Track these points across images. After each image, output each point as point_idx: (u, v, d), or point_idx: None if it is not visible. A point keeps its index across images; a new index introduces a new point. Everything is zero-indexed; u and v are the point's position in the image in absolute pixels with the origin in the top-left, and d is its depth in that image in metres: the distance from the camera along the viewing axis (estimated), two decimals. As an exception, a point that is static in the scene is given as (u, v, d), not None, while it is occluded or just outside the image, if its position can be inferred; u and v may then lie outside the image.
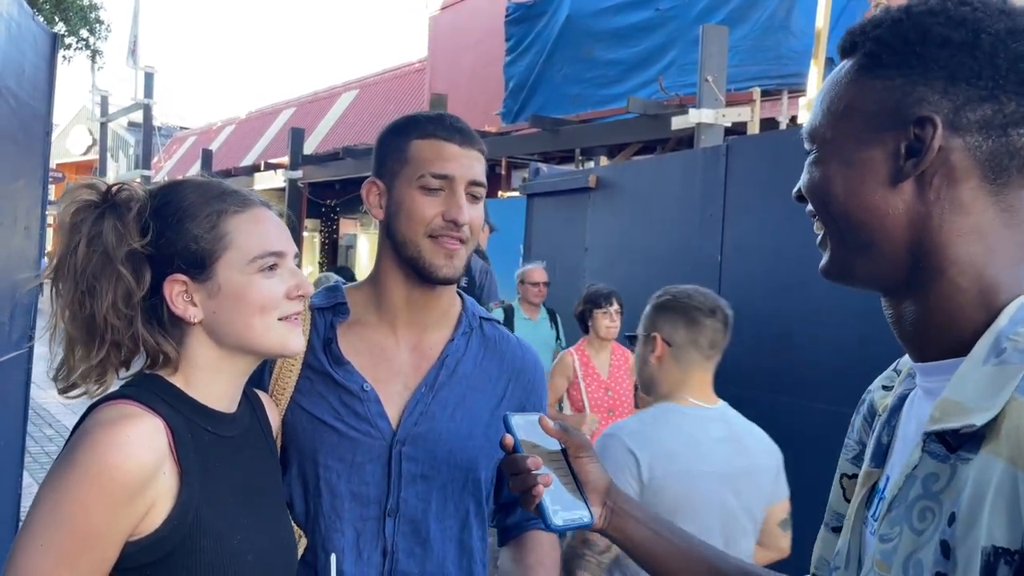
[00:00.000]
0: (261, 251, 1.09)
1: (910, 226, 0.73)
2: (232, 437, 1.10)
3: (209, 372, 1.09)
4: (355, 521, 1.26)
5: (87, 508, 0.94)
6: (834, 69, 0.81)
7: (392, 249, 1.32)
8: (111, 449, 0.95)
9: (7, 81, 2.44)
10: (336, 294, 1.35)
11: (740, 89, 6.21)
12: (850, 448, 0.90)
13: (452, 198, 1.28)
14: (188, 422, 1.04)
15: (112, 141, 19.28)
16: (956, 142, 0.71)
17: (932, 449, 0.69)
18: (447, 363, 1.32)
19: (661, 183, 4.48)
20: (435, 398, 1.30)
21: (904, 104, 0.72)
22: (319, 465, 1.26)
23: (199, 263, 1.06)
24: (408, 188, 1.29)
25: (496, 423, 1.32)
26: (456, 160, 1.29)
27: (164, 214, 1.07)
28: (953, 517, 0.63)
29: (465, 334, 1.37)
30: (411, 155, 1.29)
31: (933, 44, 0.71)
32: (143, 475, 0.96)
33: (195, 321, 1.07)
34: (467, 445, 1.30)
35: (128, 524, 0.97)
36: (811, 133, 0.79)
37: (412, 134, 1.31)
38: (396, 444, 1.27)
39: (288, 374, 1.28)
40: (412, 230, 1.28)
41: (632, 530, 1.03)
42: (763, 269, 3.63)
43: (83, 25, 12.41)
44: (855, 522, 0.81)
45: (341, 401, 1.27)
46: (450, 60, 11.59)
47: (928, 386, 0.75)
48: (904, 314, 0.75)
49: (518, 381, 1.39)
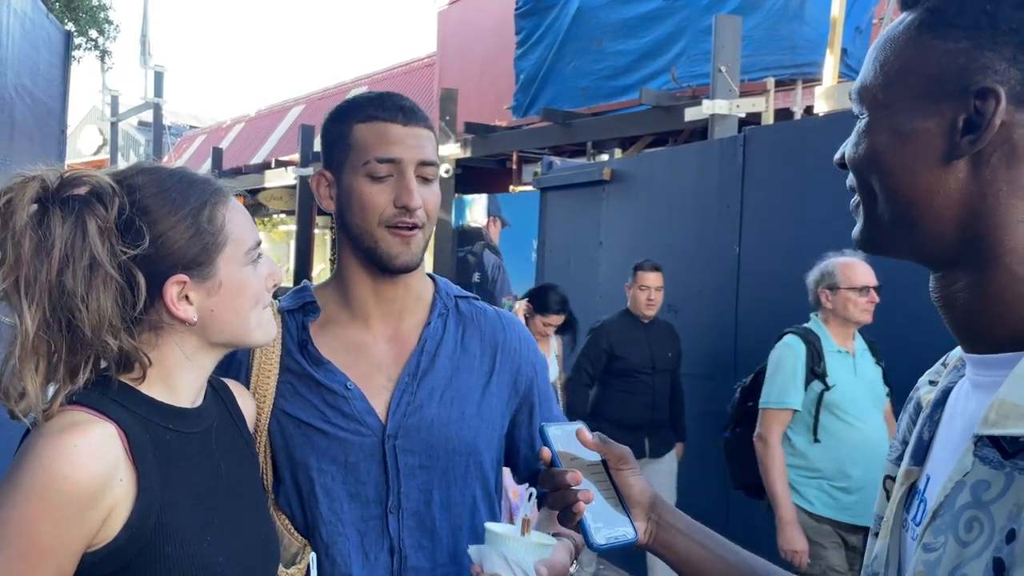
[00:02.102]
0: (253, 242, 1.05)
1: (962, 208, 0.66)
2: (198, 432, 1.04)
3: (175, 370, 1.02)
4: (357, 523, 1.22)
5: (35, 524, 0.88)
6: (893, 22, 0.73)
7: (349, 241, 1.27)
8: (58, 460, 0.88)
9: (23, 79, 2.43)
10: (304, 294, 1.30)
11: (754, 79, 6.15)
12: (894, 448, 0.83)
13: (402, 182, 1.22)
14: (145, 423, 0.97)
15: (123, 141, 19.36)
16: (1020, 118, 0.64)
17: (984, 454, 0.63)
18: (427, 348, 1.28)
19: (677, 175, 4.44)
20: (420, 386, 1.26)
21: (967, 71, 0.65)
22: (312, 470, 1.22)
23: (201, 260, 0.99)
24: (355, 177, 1.23)
25: (489, 400, 1.30)
26: (401, 142, 1.22)
27: (151, 208, 0.98)
28: (1013, 534, 0.58)
29: (441, 315, 1.32)
30: (354, 141, 1.23)
31: (1008, 3, 0.64)
32: (94, 485, 0.90)
33: (191, 322, 1.00)
34: (461, 428, 1.26)
35: (83, 536, 0.91)
36: (861, 93, 0.73)
37: (353, 118, 1.25)
38: (388, 439, 1.23)
39: (267, 381, 1.23)
40: (366, 220, 1.23)
41: (680, 545, 0.97)
42: (782, 261, 3.59)
43: (93, 25, 12.44)
44: (894, 525, 0.75)
45: (326, 402, 1.23)
46: (460, 54, 11.55)
47: (979, 380, 0.69)
48: (955, 298, 0.69)
49: (504, 353, 1.34)
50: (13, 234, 0.91)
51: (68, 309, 0.92)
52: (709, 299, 4.00)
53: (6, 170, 2.31)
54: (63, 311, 0.93)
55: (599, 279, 4.90)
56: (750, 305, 3.78)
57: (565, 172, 5.47)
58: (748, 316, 3.79)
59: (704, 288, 4.07)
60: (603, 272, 4.87)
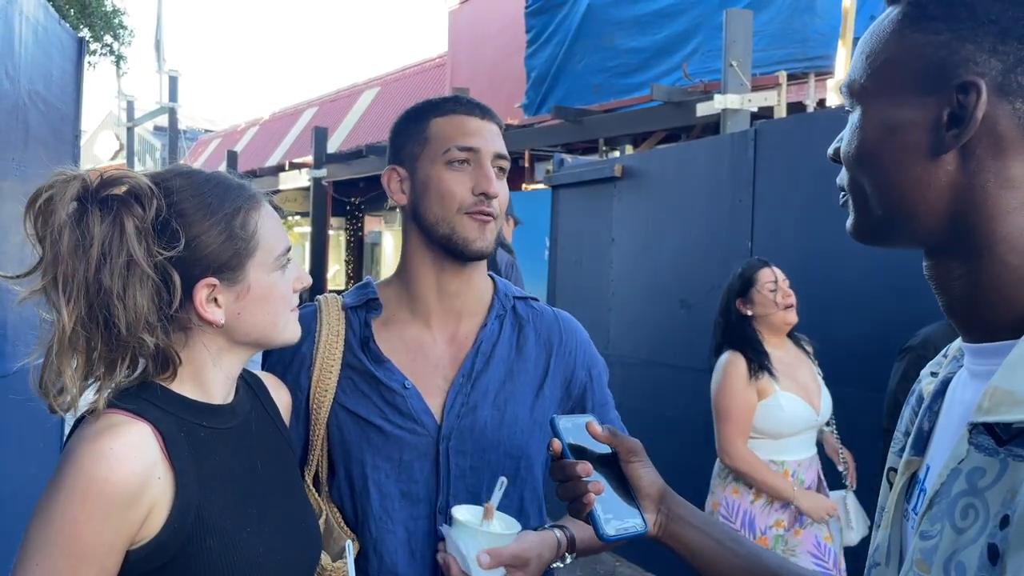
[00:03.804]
0: (283, 248, 1.07)
1: (953, 200, 0.67)
2: (231, 428, 1.07)
3: (204, 369, 1.05)
4: (406, 521, 1.24)
5: (78, 525, 0.91)
6: (880, 16, 0.74)
7: (421, 233, 1.29)
8: (97, 463, 0.92)
9: (36, 85, 2.46)
10: (367, 290, 1.33)
11: (766, 73, 6.13)
12: (897, 440, 0.83)
13: (480, 171, 1.25)
14: (179, 421, 1.00)
15: (139, 146, 19.55)
16: (1004, 108, 0.64)
17: (979, 441, 0.63)
18: (482, 349, 1.30)
19: (688, 170, 4.43)
20: (474, 387, 1.27)
21: (949, 64, 0.66)
22: (366, 465, 1.24)
23: (232, 264, 1.02)
24: (433, 166, 1.26)
25: (542, 404, 1.31)
26: (479, 133, 1.26)
27: (187, 211, 1.00)
28: (1006, 520, 0.58)
29: (499, 317, 1.33)
30: (432, 134, 1.27)
31: None
32: (133, 485, 0.93)
33: (219, 324, 1.02)
34: (514, 431, 1.27)
35: (125, 534, 0.94)
36: (851, 86, 0.73)
37: (430, 114, 1.29)
38: (443, 440, 1.24)
39: (328, 375, 1.26)
40: (444, 208, 1.25)
41: (690, 537, 0.97)
42: (794, 256, 3.57)
43: (107, 31, 12.55)
44: (895, 514, 0.76)
45: (384, 399, 1.25)
46: (471, 54, 11.57)
47: (976, 368, 0.70)
48: (950, 286, 0.70)
49: (559, 353, 1.35)
50: (52, 232, 0.93)
51: (105, 306, 0.94)
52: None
53: (21, 176, 2.34)
54: (100, 308, 0.95)
55: (611, 276, 4.89)
56: (763, 300, 3.76)
57: (576, 169, 5.46)
58: (761, 311, 3.77)
59: (717, 283, 4.05)
60: (615, 269, 4.87)
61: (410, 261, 1.32)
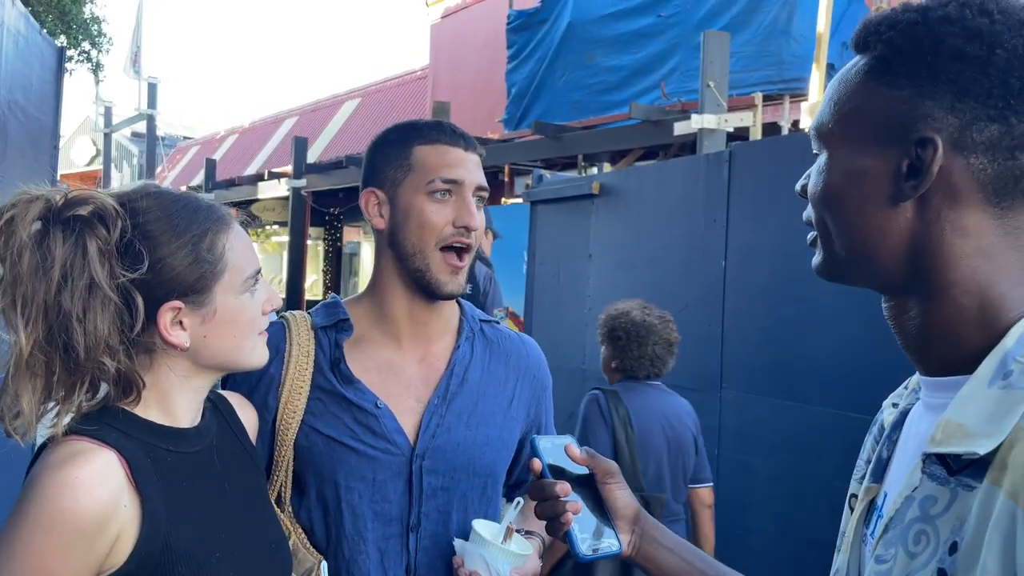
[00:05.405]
0: (252, 270, 1.06)
1: (911, 245, 0.71)
2: (198, 451, 1.05)
3: (170, 392, 1.03)
4: (378, 541, 1.24)
5: (43, 556, 0.89)
6: (846, 64, 0.77)
7: (396, 260, 1.29)
8: (61, 493, 0.89)
9: (15, 95, 2.46)
10: (337, 310, 1.32)
11: (742, 94, 6.22)
12: (859, 468, 0.87)
13: (463, 203, 1.26)
14: (146, 447, 0.98)
15: (116, 151, 19.34)
16: (959, 162, 0.68)
17: (931, 471, 0.67)
18: (456, 371, 1.32)
19: (664, 189, 4.49)
20: (449, 408, 1.29)
21: (909, 119, 0.69)
22: (340, 487, 1.24)
23: (198, 287, 1.00)
24: (415, 195, 1.26)
25: (509, 424, 1.34)
26: (463, 165, 1.28)
27: (153, 232, 0.98)
28: (955, 546, 0.61)
29: (468, 339, 1.35)
30: (415, 161, 1.27)
31: (945, 56, 0.68)
32: (99, 514, 0.91)
33: (184, 348, 1.01)
34: (484, 451, 1.30)
35: (92, 564, 0.92)
36: (818, 130, 0.77)
37: (414, 140, 1.29)
38: (416, 459, 1.25)
39: (298, 397, 1.25)
40: (423, 239, 1.26)
41: (662, 558, 1.00)
42: (767, 275, 3.63)
43: (86, 38, 12.45)
44: (854, 539, 0.79)
45: (356, 420, 1.25)
46: (452, 68, 11.61)
47: (931, 401, 0.74)
48: (907, 324, 0.74)
49: (526, 379, 1.38)
50: (12, 252, 0.92)
51: (64, 329, 0.92)
52: (695, 312, 4.04)
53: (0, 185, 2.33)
54: (60, 331, 0.92)
55: (588, 291, 4.94)
56: (736, 319, 3.82)
57: (555, 185, 5.51)
58: (734, 330, 3.82)
59: (691, 301, 4.11)
60: (592, 284, 4.91)
61: (383, 284, 1.32)
